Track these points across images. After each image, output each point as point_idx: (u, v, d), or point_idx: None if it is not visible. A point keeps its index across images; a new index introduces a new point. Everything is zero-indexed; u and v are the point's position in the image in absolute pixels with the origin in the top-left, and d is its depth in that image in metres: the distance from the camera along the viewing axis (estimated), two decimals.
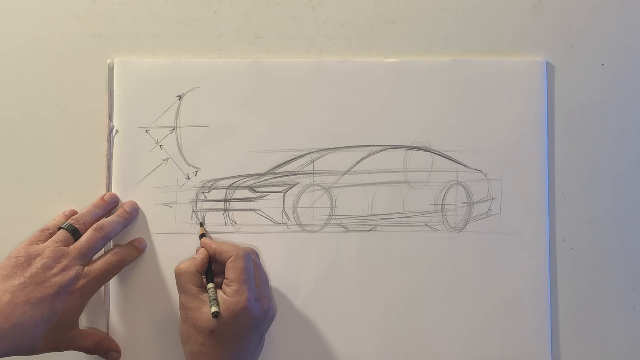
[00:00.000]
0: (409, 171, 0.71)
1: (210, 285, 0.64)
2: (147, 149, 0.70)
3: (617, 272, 0.71)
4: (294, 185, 0.70)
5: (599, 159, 0.72)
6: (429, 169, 0.71)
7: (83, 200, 0.70)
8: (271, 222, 0.70)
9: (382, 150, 0.71)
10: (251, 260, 0.65)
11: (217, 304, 0.62)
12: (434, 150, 0.71)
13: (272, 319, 0.67)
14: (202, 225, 0.70)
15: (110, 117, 0.70)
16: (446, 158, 0.71)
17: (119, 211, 0.69)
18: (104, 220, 0.67)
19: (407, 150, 0.71)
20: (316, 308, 0.70)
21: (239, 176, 0.70)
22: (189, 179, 0.70)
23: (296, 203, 0.70)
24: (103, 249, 0.68)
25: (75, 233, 0.66)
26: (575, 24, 0.72)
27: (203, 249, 0.67)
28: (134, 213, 0.69)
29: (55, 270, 0.63)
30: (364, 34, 0.72)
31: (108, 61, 0.71)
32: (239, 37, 0.71)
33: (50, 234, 0.66)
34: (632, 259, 0.71)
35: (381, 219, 0.70)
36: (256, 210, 0.70)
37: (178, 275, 0.65)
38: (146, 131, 0.70)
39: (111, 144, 0.70)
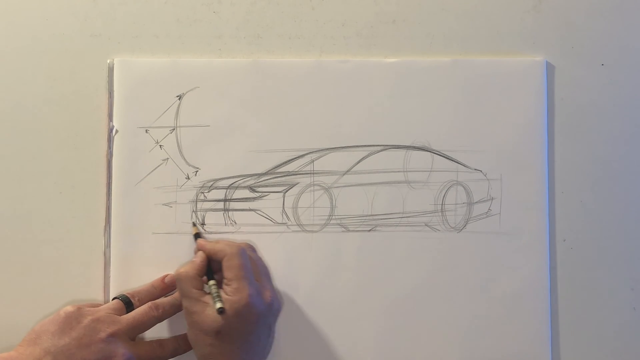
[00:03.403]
0: (409, 171, 0.71)
1: (211, 282, 0.64)
2: (147, 149, 0.70)
3: (617, 272, 0.71)
4: (294, 185, 0.70)
5: (598, 159, 0.72)
6: (429, 169, 0.71)
7: (83, 200, 0.70)
8: (271, 222, 0.70)
9: (382, 150, 0.71)
10: (246, 256, 0.65)
11: (221, 300, 0.62)
12: (434, 150, 0.71)
13: (279, 310, 0.67)
14: (194, 225, 0.69)
15: (110, 117, 0.70)
16: (446, 158, 0.71)
17: (176, 294, 0.66)
18: (161, 300, 0.66)
19: (407, 150, 0.71)
20: (316, 308, 0.70)
21: (239, 176, 0.70)
22: (189, 179, 0.70)
23: (296, 203, 0.70)
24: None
25: (129, 306, 0.65)
26: (575, 24, 0.72)
27: (201, 251, 0.66)
28: None
29: (102, 335, 0.61)
30: (364, 34, 0.72)
31: (108, 61, 0.70)
32: (239, 37, 0.71)
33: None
34: (632, 259, 0.71)
35: (381, 219, 0.70)
36: (256, 210, 0.70)
37: (179, 280, 0.64)
38: (146, 131, 0.70)
39: (111, 144, 0.70)
